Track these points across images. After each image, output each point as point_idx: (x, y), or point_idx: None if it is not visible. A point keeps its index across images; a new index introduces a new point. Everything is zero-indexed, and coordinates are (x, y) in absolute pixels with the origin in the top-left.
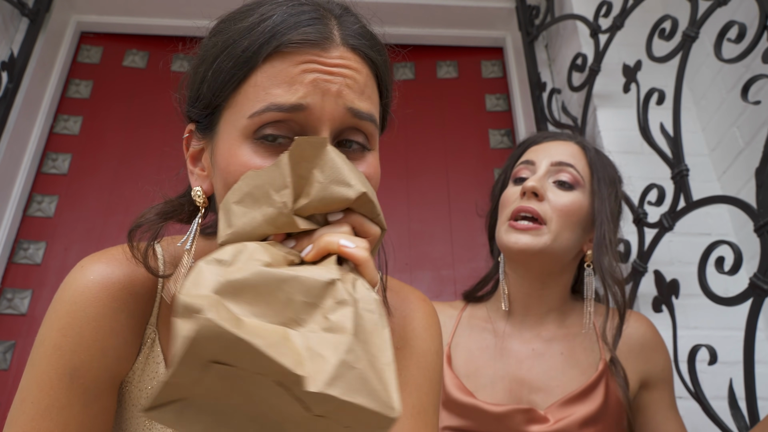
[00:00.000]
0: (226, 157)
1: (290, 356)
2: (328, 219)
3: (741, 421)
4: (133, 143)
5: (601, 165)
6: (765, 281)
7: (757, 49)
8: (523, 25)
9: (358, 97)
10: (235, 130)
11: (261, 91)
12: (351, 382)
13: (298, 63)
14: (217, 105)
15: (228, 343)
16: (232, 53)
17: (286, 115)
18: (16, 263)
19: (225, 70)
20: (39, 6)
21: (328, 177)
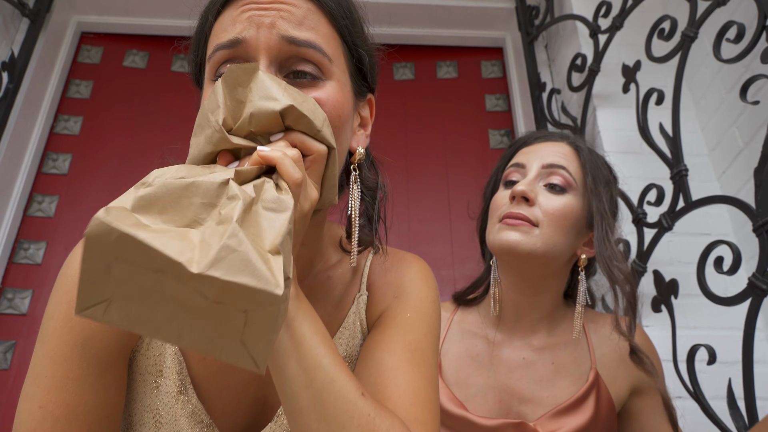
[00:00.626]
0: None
1: (176, 247)
2: (270, 139)
3: (740, 421)
4: (133, 143)
5: (594, 165)
6: (764, 281)
7: (756, 49)
8: (522, 26)
9: (294, 26)
10: (207, 79)
11: (214, 38)
12: (233, 263)
13: (240, 7)
14: (200, 62)
15: (120, 241)
16: (203, 16)
17: (228, 51)
18: (16, 263)
19: (198, 31)
20: (39, 6)
21: (257, 95)
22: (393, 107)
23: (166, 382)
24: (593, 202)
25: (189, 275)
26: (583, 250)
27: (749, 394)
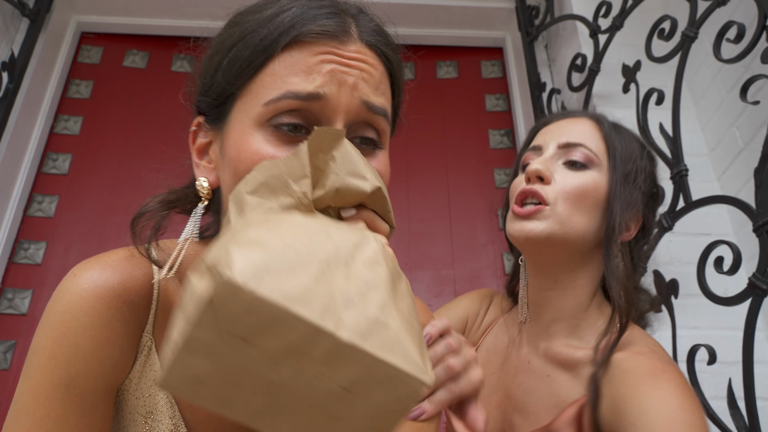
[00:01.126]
0: (236, 145)
1: (317, 312)
2: (342, 214)
3: (740, 421)
4: (133, 143)
5: (619, 140)
6: (764, 281)
7: (756, 49)
8: (522, 26)
9: (373, 91)
10: (248, 119)
11: (278, 79)
12: (384, 340)
13: (317, 53)
14: (230, 93)
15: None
16: (250, 42)
17: (302, 103)
18: (16, 263)
19: (242, 59)
20: (39, 6)
21: (344, 169)
22: None
23: (158, 426)
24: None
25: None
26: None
27: (749, 395)
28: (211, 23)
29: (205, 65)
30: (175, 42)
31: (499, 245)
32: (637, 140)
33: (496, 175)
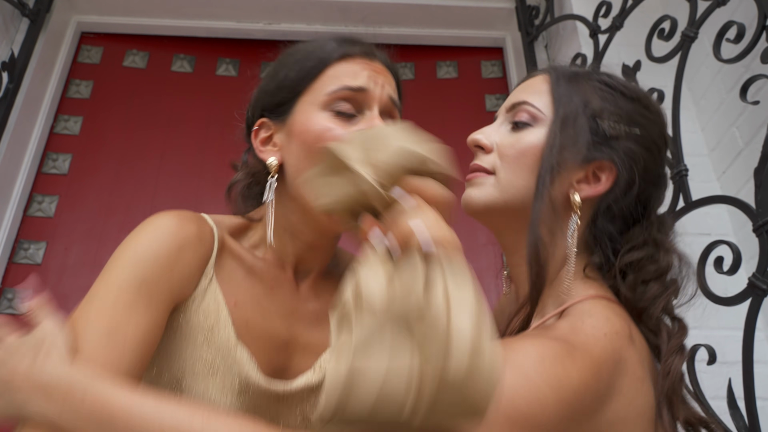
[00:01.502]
0: (305, 123)
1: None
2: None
3: (740, 421)
4: (133, 143)
5: (570, 87)
6: (764, 281)
7: (756, 49)
8: (522, 26)
9: (393, 91)
10: (313, 105)
11: (335, 78)
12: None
13: (358, 64)
14: (297, 92)
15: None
16: (312, 57)
17: (353, 93)
18: (16, 263)
19: (307, 68)
20: (39, 6)
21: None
22: None
23: (220, 336)
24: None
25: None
26: (576, 188)
27: (749, 394)
28: (211, 23)
29: (271, 77)
30: (175, 42)
31: (499, 245)
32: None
33: None
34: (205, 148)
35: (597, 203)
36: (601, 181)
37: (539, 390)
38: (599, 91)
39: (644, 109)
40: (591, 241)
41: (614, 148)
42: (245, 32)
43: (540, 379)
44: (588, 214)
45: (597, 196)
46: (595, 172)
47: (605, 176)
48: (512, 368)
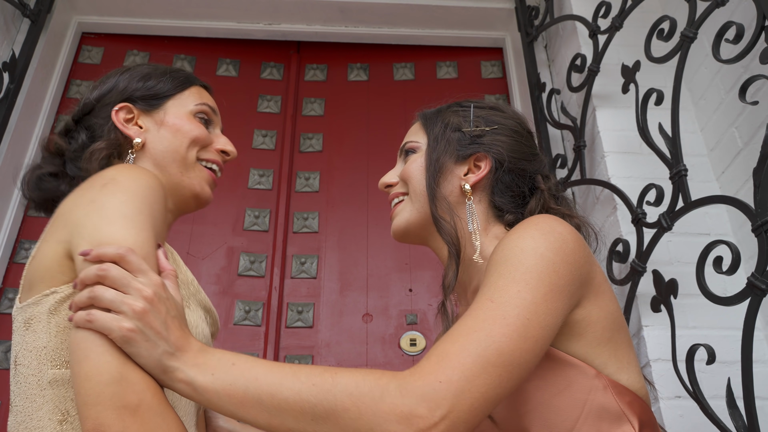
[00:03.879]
0: (179, 119)
1: None
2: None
3: (739, 421)
4: None
5: (435, 117)
6: (763, 281)
7: (755, 49)
8: (522, 26)
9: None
10: (184, 109)
11: (198, 96)
12: None
13: (206, 93)
14: (170, 94)
15: None
16: (180, 75)
17: (210, 110)
18: (17, 263)
19: (179, 80)
20: (40, 7)
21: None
22: (393, 107)
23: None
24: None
25: None
26: (464, 180)
27: (748, 394)
28: (212, 24)
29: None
30: (175, 42)
31: None
32: (461, 105)
33: None
34: None
35: (488, 184)
36: (482, 168)
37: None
38: (457, 112)
39: (497, 111)
40: (496, 213)
41: (482, 143)
42: (245, 32)
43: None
44: (487, 195)
45: (483, 178)
46: (475, 163)
47: (483, 164)
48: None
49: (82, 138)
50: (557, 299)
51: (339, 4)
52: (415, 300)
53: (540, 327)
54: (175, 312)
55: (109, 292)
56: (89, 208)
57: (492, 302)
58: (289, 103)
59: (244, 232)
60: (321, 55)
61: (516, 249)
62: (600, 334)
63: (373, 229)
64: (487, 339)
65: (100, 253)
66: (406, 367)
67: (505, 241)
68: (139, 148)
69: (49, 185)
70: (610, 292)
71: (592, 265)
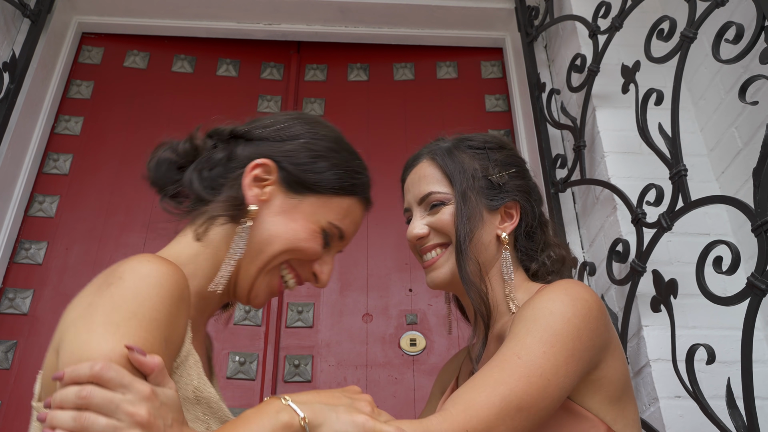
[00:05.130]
0: (303, 224)
1: None
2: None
3: (739, 420)
4: (134, 143)
5: (453, 164)
6: (762, 281)
7: (755, 49)
8: (522, 26)
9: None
10: (316, 216)
11: (343, 213)
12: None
13: (358, 215)
14: (318, 190)
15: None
16: (346, 177)
17: (338, 233)
18: (17, 263)
19: (335, 183)
20: (40, 7)
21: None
22: (393, 107)
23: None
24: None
25: None
26: (501, 229)
27: (748, 394)
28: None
29: (301, 148)
30: (175, 42)
31: None
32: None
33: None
34: None
35: (515, 231)
36: (513, 217)
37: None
38: (475, 155)
39: (507, 150)
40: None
41: (509, 190)
42: (245, 33)
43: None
44: (512, 241)
45: (515, 227)
46: (506, 211)
47: (514, 211)
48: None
49: (219, 156)
50: (576, 363)
51: (339, 4)
52: (415, 300)
53: (558, 388)
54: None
55: (100, 421)
56: (82, 312)
57: (519, 359)
58: (289, 103)
59: None
60: (321, 55)
61: (546, 311)
62: (612, 392)
63: (373, 229)
64: (510, 395)
65: (72, 376)
66: (405, 366)
67: (537, 300)
68: (254, 217)
69: (163, 170)
70: (622, 355)
71: (610, 331)
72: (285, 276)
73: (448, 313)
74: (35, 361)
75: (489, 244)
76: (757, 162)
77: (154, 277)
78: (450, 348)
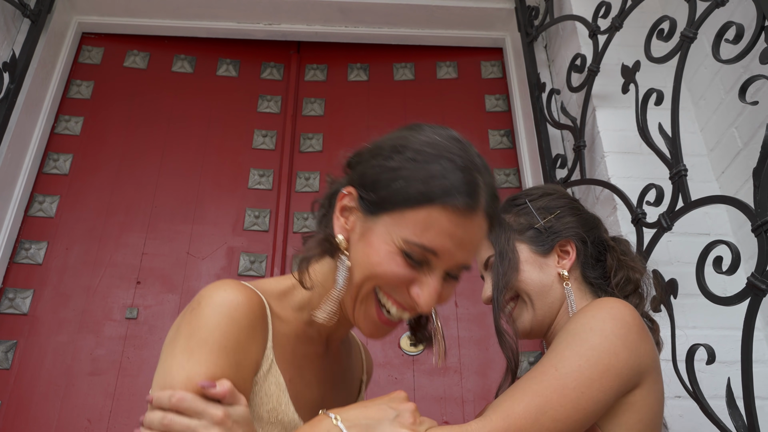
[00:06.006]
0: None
1: None
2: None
3: (739, 420)
4: (134, 143)
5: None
6: (762, 281)
7: (755, 49)
8: (522, 26)
9: (470, 257)
10: (390, 238)
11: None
12: None
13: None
14: (390, 208)
15: None
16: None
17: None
18: (17, 263)
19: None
20: (40, 7)
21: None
22: (393, 107)
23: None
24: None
25: None
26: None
27: (748, 394)
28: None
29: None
30: (175, 42)
31: None
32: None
33: (496, 176)
34: (205, 148)
35: (578, 264)
36: (570, 253)
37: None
38: (518, 212)
39: (548, 195)
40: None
41: (558, 230)
42: (245, 33)
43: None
44: (579, 274)
45: (574, 261)
46: (561, 250)
47: (569, 247)
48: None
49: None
50: (612, 379)
51: (339, 4)
52: None
53: (592, 401)
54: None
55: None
56: (171, 336)
57: (556, 371)
58: (289, 103)
59: (244, 232)
60: (321, 55)
61: (586, 326)
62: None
63: None
64: (545, 406)
65: (157, 403)
66: (405, 366)
67: (579, 316)
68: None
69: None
70: (661, 387)
71: (651, 356)
72: (386, 304)
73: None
74: (35, 361)
75: (553, 285)
76: (757, 162)
77: (225, 306)
78: (450, 348)
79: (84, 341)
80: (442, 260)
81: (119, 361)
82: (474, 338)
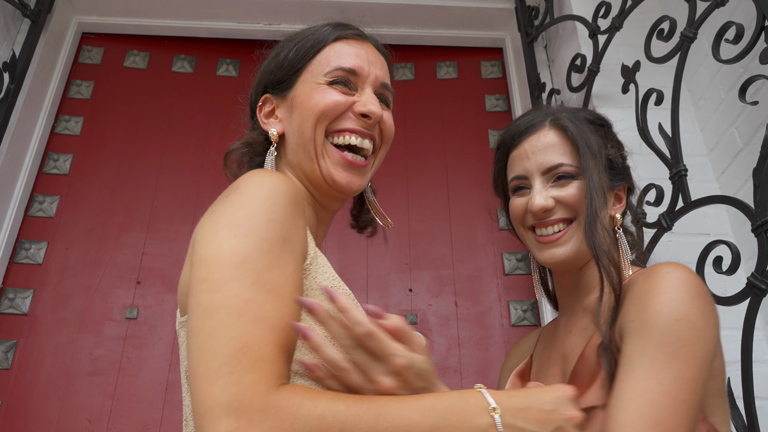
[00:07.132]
0: (307, 94)
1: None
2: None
3: (739, 420)
4: (133, 143)
5: (583, 138)
6: (762, 281)
7: (755, 49)
8: (522, 26)
9: (384, 74)
10: (314, 82)
11: (330, 59)
12: None
13: (351, 46)
14: (297, 69)
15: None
16: (309, 39)
17: (345, 74)
18: (17, 263)
19: (305, 48)
20: (40, 7)
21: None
22: (393, 107)
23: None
24: (586, 180)
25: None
26: (616, 209)
27: (748, 394)
28: (212, 24)
29: (271, 60)
30: (175, 42)
31: (499, 245)
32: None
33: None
34: (205, 148)
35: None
36: (622, 200)
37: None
38: (594, 130)
39: (612, 130)
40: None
41: (623, 173)
42: (245, 33)
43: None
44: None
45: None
46: (617, 194)
47: (623, 194)
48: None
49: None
50: (707, 369)
51: (339, 4)
52: (415, 300)
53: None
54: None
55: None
56: (207, 220)
57: (660, 385)
58: None
59: None
60: None
61: (670, 317)
62: (715, 386)
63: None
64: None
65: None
66: None
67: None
68: (277, 141)
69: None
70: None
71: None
72: (346, 139)
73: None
74: (35, 361)
75: (606, 225)
76: (757, 162)
77: (267, 182)
78: (450, 348)
79: (84, 341)
80: (362, 78)
81: (119, 361)
82: (474, 338)
